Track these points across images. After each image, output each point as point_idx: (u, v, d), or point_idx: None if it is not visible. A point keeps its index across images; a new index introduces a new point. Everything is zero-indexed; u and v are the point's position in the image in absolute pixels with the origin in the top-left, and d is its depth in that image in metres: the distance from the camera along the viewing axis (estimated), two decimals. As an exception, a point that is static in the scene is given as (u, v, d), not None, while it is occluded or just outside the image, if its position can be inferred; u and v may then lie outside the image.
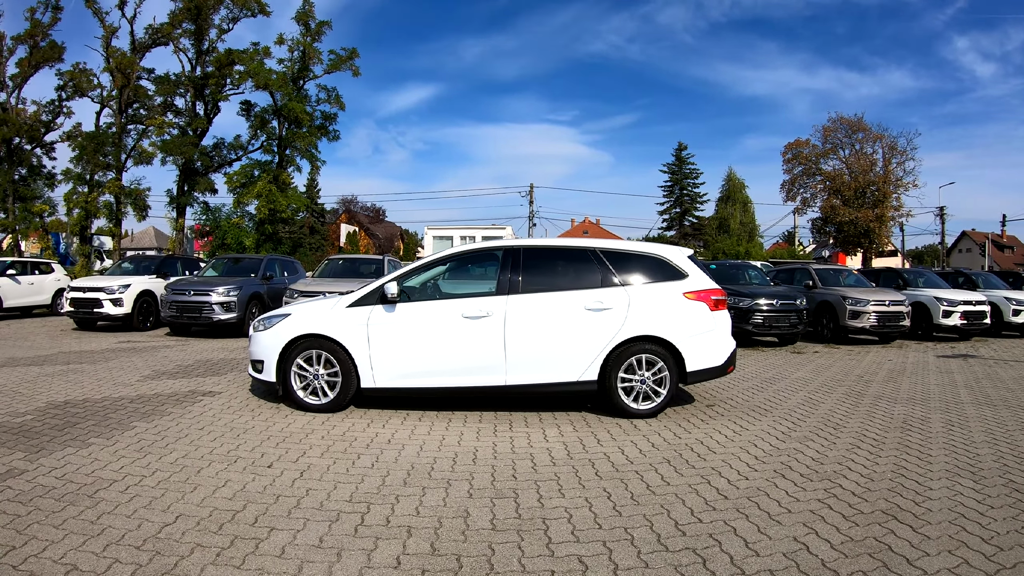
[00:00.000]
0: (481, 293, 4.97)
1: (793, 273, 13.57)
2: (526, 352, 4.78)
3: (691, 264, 5.27)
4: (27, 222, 22.09)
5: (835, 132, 32.09)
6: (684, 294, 5.05)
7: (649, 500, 3.20)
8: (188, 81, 24.00)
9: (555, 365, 4.82)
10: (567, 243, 5.47)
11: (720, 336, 5.16)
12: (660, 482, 3.48)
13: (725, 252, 36.48)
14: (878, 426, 4.85)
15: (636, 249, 5.28)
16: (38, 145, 24.13)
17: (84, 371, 6.84)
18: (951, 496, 3.33)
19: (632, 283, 5.02)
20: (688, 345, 4.94)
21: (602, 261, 5.10)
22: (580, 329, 4.82)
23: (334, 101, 26.54)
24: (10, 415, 4.72)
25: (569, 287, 4.97)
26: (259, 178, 24.39)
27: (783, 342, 10.91)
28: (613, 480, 3.49)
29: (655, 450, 4.10)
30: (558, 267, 5.18)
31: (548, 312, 4.84)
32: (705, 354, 5.02)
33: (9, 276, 13.20)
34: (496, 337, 4.75)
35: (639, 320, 4.87)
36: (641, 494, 3.28)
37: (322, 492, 3.22)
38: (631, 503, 3.16)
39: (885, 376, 7.40)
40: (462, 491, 3.26)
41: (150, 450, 3.94)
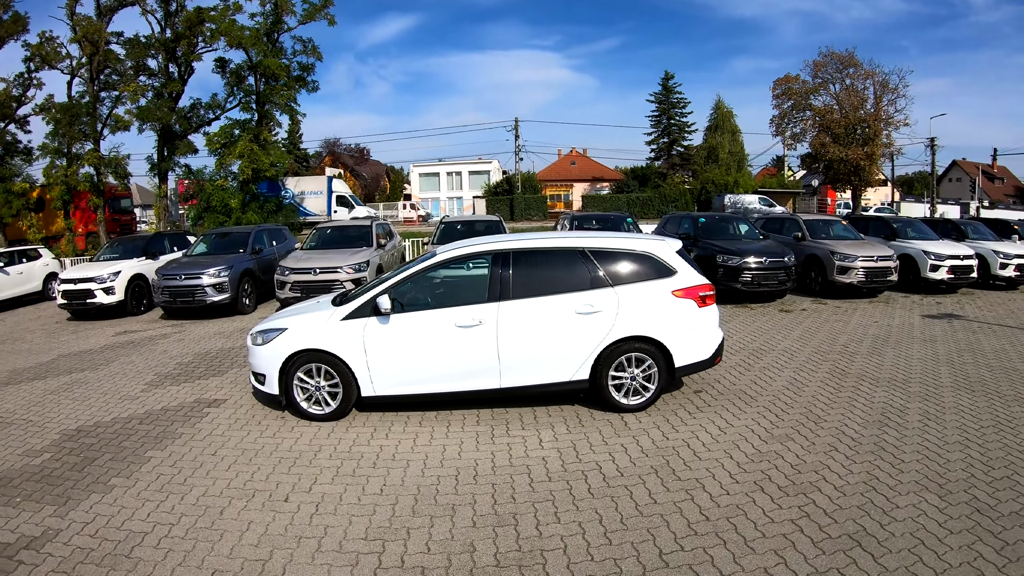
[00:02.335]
0: (472, 300, 4.98)
1: (783, 223, 13.57)
2: (519, 356, 4.89)
3: (679, 259, 5.30)
4: (9, 203, 21.31)
5: (826, 67, 30.94)
6: (672, 292, 5.10)
7: (637, 524, 3.39)
8: (159, 44, 22.45)
9: (547, 367, 4.95)
10: (556, 243, 5.40)
11: (707, 330, 5.24)
12: (648, 499, 3.66)
13: (714, 182, 36.17)
14: (858, 419, 4.97)
15: (625, 247, 5.25)
16: (11, 121, 22.88)
17: (88, 382, 6.90)
18: (915, 517, 3.44)
19: (621, 283, 5.05)
20: (676, 342, 5.04)
21: (591, 261, 5.11)
22: (571, 332, 4.91)
23: (311, 52, 25.12)
24: (28, 455, 4.80)
25: (559, 289, 5.00)
26: (239, 138, 23.42)
27: (771, 298, 11.03)
28: (604, 499, 3.68)
29: (644, 457, 4.27)
30: (547, 269, 5.17)
31: (539, 317, 4.91)
32: (693, 349, 5.14)
33: None
34: (489, 343, 4.85)
35: (628, 321, 4.95)
36: (630, 516, 3.48)
37: (339, 530, 3.41)
38: (620, 527, 3.35)
39: (870, 346, 7.52)
40: (467, 518, 3.46)
41: (170, 488, 4.08)
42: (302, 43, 24.79)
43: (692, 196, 37.73)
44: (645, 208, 37.95)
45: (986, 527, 3.32)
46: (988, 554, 3.08)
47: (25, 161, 23.94)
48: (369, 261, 10.74)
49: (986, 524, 3.35)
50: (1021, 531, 3.27)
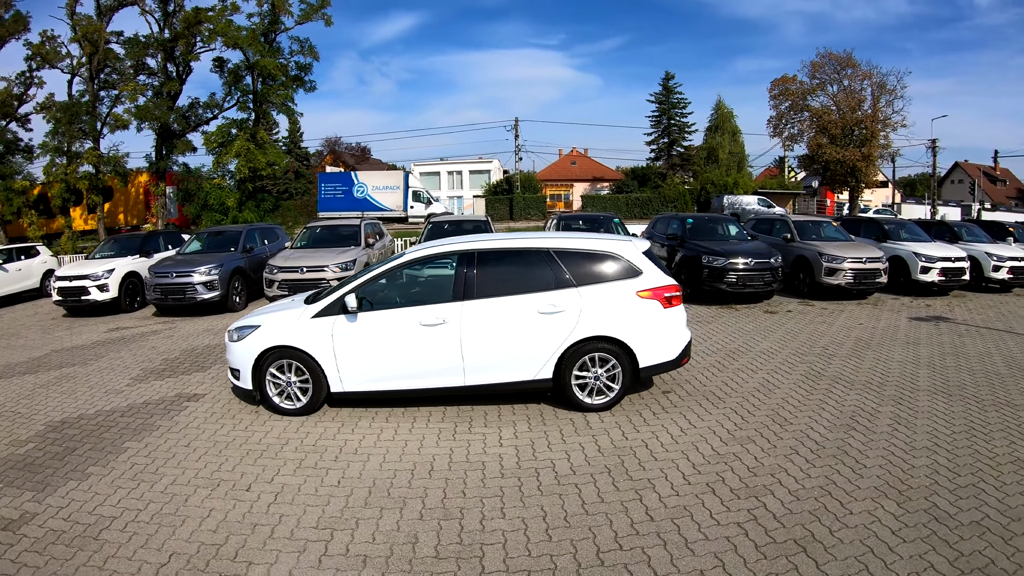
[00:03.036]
0: (438, 300, 5.17)
1: (773, 224, 13.72)
2: (482, 355, 5.05)
3: (646, 260, 5.40)
4: (10, 201, 21.75)
5: (824, 68, 31.06)
6: (637, 293, 5.20)
7: (580, 522, 3.49)
8: (157, 43, 22.83)
9: (511, 366, 5.10)
10: (521, 244, 5.53)
11: (673, 331, 5.32)
12: (595, 498, 3.76)
13: (714, 183, 36.35)
14: (825, 423, 4.98)
15: (591, 247, 5.37)
16: (12, 119, 23.37)
17: (77, 377, 7.19)
18: (868, 524, 3.37)
19: (585, 283, 5.16)
20: (641, 342, 5.14)
21: (556, 261, 5.25)
22: (534, 332, 5.04)
23: (308, 52, 25.45)
24: (13, 444, 5.09)
25: (523, 289, 5.14)
26: (236, 137, 23.76)
27: (757, 299, 11.17)
28: (552, 496, 3.81)
29: (600, 456, 4.38)
30: (512, 269, 5.32)
31: (502, 317, 5.06)
32: (658, 350, 5.23)
33: None
34: (453, 342, 5.02)
35: (591, 321, 5.06)
36: (575, 513, 3.58)
37: (293, 518, 3.64)
38: (563, 525, 3.47)
39: (850, 348, 7.58)
40: (415, 511, 3.66)
41: (143, 477, 4.34)
42: (299, 43, 25.18)
43: (691, 197, 37.86)
44: (644, 208, 38.11)
45: (942, 536, 3.24)
46: (940, 564, 2.99)
47: (26, 159, 24.39)
48: (356, 260, 11.00)
49: (943, 533, 3.27)
50: (979, 541, 3.19)
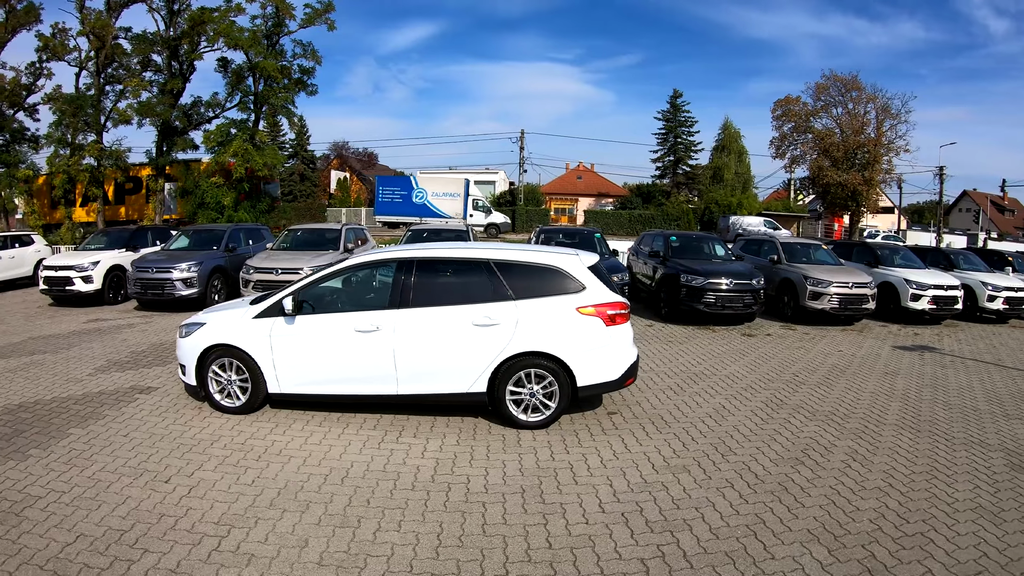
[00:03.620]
0: (375, 306, 5.37)
1: (760, 245, 13.83)
2: (415, 364, 5.18)
3: (589, 276, 5.38)
4: (12, 188, 22.45)
5: (828, 90, 31.35)
6: (577, 309, 5.18)
7: (475, 543, 3.48)
8: (162, 41, 23.59)
9: (444, 377, 5.20)
10: (462, 254, 5.64)
11: (616, 350, 5.28)
12: (499, 519, 3.74)
13: (718, 202, 36.62)
14: (772, 455, 4.87)
15: (532, 260, 5.41)
16: (20, 109, 24.24)
17: (44, 364, 7.54)
18: (788, 571, 3.22)
19: (524, 296, 5.20)
20: (579, 360, 5.12)
21: (495, 273, 5.30)
22: (467, 344, 5.12)
23: (310, 55, 26.13)
24: None
25: (461, 300, 5.24)
26: (235, 137, 24.34)
27: (737, 321, 11.24)
28: (456, 513, 3.82)
29: (520, 475, 4.37)
30: (451, 279, 5.46)
31: (436, 327, 5.15)
32: (598, 369, 5.20)
33: None
34: (386, 350, 5.17)
35: (527, 336, 5.10)
36: (472, 534, 3.57)
37: (199, 512, 3.87)
38: (455, 544, 3.46)
39: (823, 376, 7.59)
40: (315, 516, 3.79)
41: (76, 462, 4.62)
42: (302, 47, 25.95)
43: (695, 216, 38.07)
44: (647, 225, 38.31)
45: (870, 590, 3.00)
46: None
47: (33, 149, 25.16)
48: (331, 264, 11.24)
49: (872, 590, 3.03)
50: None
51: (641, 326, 10.66)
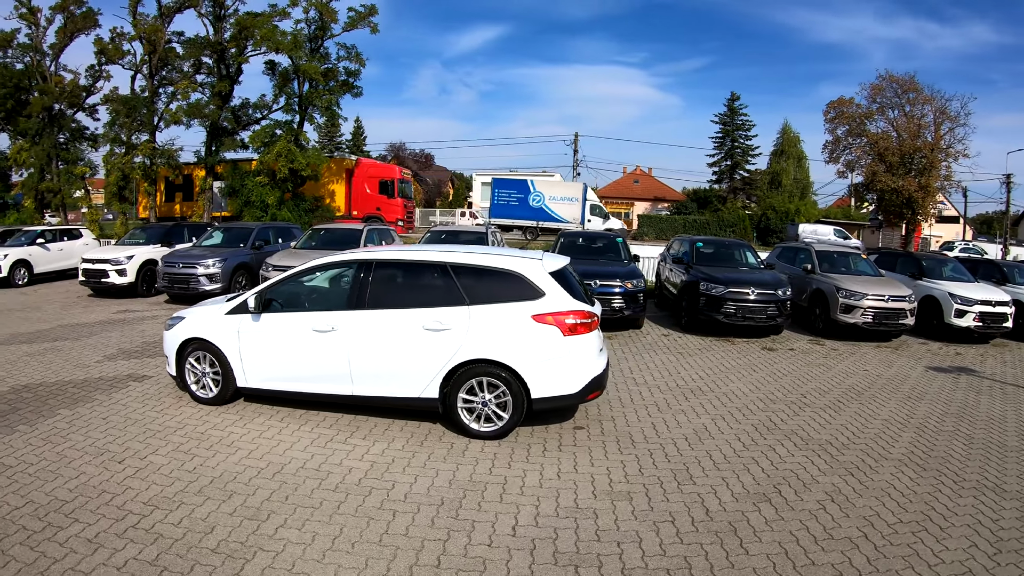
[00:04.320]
0: (333, 307, 5.62)
1: (796, 253, 13.37)
2: (368, 366, 5.37)
3: (551, 281, 5.32)
4: (70, 184, 24.71)
5: (884, 91, 29.73)
6: (532, 316, 5.12)
7: (364, 551, 3.53)
8: (210, 45, 25.31)
9: (396, 380, 5.34)
10: (420, 256, 5.72)
11: (576, 362, 5.18)
12: (401, 531, 3.77)
13: (775, 209, 35.62)
14: (737, 488, 4.55)
15: (490, 264, 5.43)
16: (79, 109, 26.73)
17: (61, 350, 8.33)
18: None
19: (478, 302, 5.21)
20: (533, 371, 5.07)
21: (450, 276, 5.36)
22: (418, 348, 5.22)
23: (354, 58, 27.24)
24: None
25: (414, 303, 5.36)
26: (279, 138, 25.66)
27: (762, 334, 10.90)
28: (362, 519, 3.90)
29: (447, 487, 4.39)
30: (408, 282, 5.62)
31: (388, 329, 5.31)
32: (555, 381, 5.12)
33: (39, 244, 15.29)
34: (340, 350, 5.40)
35: (478, 342, 5.11)
36: (367, 541, 3.64)
37: (135, 492, 4.25)
38: (345, 550, 3.54)
39: (835, 398, 7.20)
40: (231, 506, 4.06)
41: (52, 439, 5.17)
42: (346, 49, 27.09)
43: (751, 222, 36.93)
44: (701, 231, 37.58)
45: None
46: None
47: (92, 147, 27.52)
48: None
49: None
50: None
51: (657, 335, 10.54)
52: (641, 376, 7.77)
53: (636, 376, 7.78)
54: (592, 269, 10.68)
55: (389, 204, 27.87)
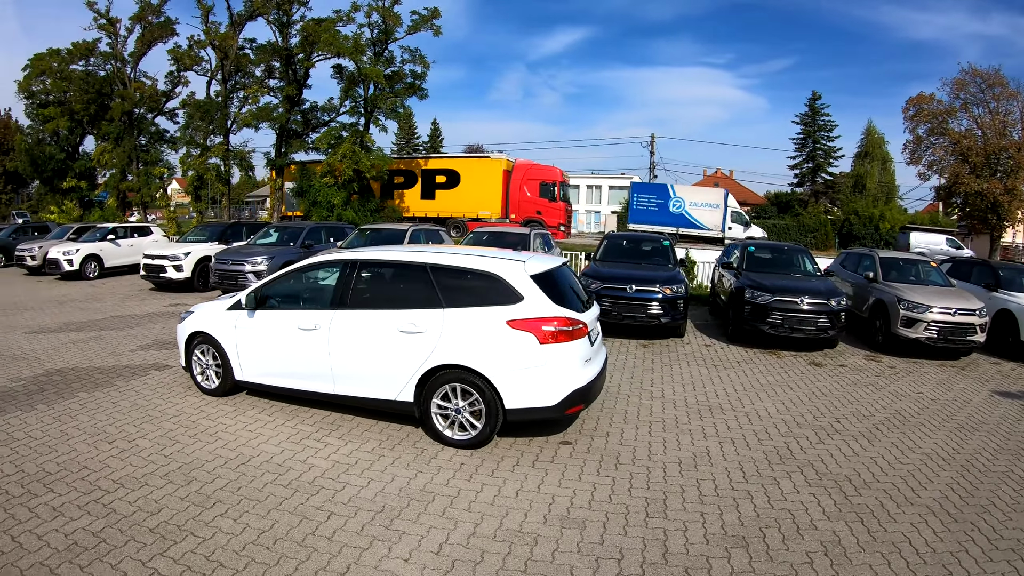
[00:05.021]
0: (319, 306, 5.83)
1: (860, 259, 12.45)
2: (348, 366, 5.53)
3: (531, 285, 5.18)
4: (149, 184, 27.25)
5: (967, 86, 27.01)
6: (507, 322, 5.02)
7: (283, 548, 3.65)
8: (276, 51, 27.09)
9: (374, 381, 5.44)
10: (401, 257, 5.77)
11: (554, 372, 5.01)
12: (327, 533, 3.82)
13: (858, 214, 33.49)
14: (714, 527, 4.08)
15: (468, 265, 5.40)
16: (159, 113, 29.44)
17: (103, 339, 9.17)
18: None
19: (454, 304, 5.19)
20: (507, 379, 4.97)
21: (429, 278, 5.36)
22: (393, 350, 5.28)
23: (418, 61, 28.18)
24: (10, 380, 6.99)
25: (394, 305, 5.45)
26: (345, 140, 26.91)
27: (814, 347, 10.21)
28: (297, 517, 4.01)
29: (397, 494, 4.38)
30: (389, 283, 5.72)
31: (366, 330, 5.42)
32: (530, 392, 4.99)
33: (109, 240, 16.88)
34: (322, 349, 5.60)
35: (450, 347, 5.09)
36: (292, 539, 3.74)
37: (109, 470, 4.65)
38: (266, 545, 3.66)
39: (873, 424, 6.52)
40: (186, 492, 4.33)
41: (62, 418, 5.75)
42: (410, 52, 28.01)
43: (833, 227, 34.82)
44: (781, 236, 35.76)
45: None
46: None
47: (172, 148, 30.28)
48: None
49: None
50: None
51: (697, 345, 10.12)
52: (660, 389, 7.45)
53: (654, 389, 7.47)
54: (629, 273, 10.51)
55: (550, 208, 27.49)
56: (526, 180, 27.72)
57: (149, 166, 28.27)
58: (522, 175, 27.88)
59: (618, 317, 10.04)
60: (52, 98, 29.17)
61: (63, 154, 31.18)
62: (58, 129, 29.44)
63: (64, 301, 12.73)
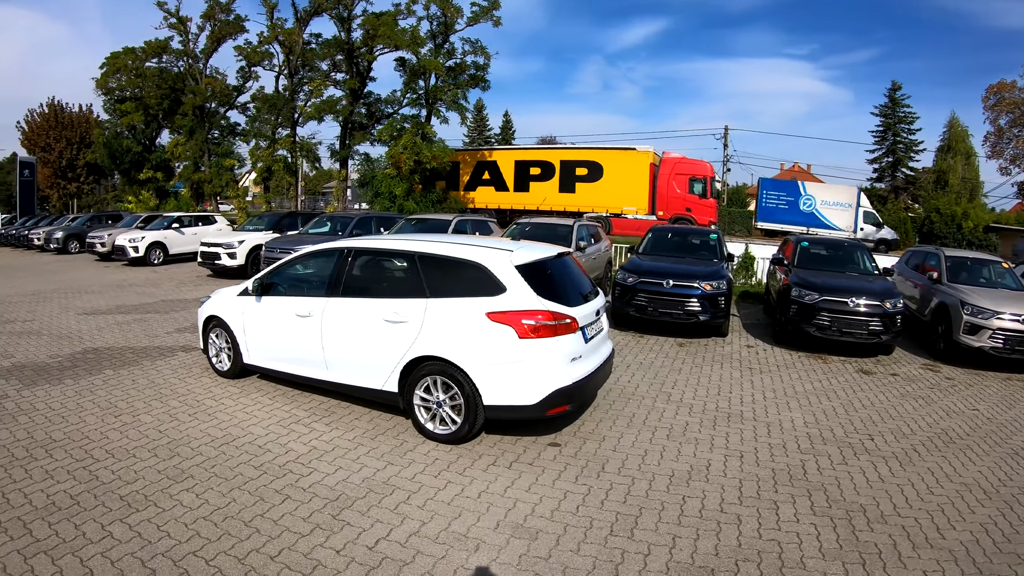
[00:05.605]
0: (314, 293, 5.98)
1: (925, 257, 11.43)
2: (339, 353, 5.65)
3: (515, 276, 5.02)
4: (220, 175, 29.16)
5: None
6: (487, 314, 4.91)
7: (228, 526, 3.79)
8: (338, 45, 28.11)
9: (361, 370, 5.53)
10: (392, 246, 5.81)
11: (534, 369, 4.85)
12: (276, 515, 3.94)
13: (939, 211, 30.86)
14: (678, 557, 3.70)
15: (455, 255, 5.35)
16: (231, 107, 31.39)
17: (146, 321, 10.00)
18: None
19: (437, 294, 5.17)
20: (484, 374, 4.87)
21: (416, 266, 5.37)
22: (379, 339, 5.34)
23: (479, 51, 28.45)
24: (49, 357, 7.72)
25: (381, 293, 5.54)
26: (406, 131, 27.58)
27: (864, 352, 9.41)
28: (254, 498, 4.16)
29: (360, 484, 4.39)
30: (380, 271, 5.79)
31: (356, 318, 5.51)
32: (508, 388, 4.86)
33: (174, 228, 18.13)
34: (315, 336, 5.76)
35: (431, 338, 5.07)
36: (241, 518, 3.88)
37: (108, 441, 5.03)
38: (214, 521, 3.85)
39: (914, 445, 5.82)
40: (165, 464, 4.63)
41: (83, 392, 6.30)
42: (471, 43, 28.32)
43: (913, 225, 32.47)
44: (858, 232, 33.60)
45: None
46: None
47: (244, 141, 32.29)
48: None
49: None
50: None
51: (739, 346, 9.60)
52: (680, 393, 7.05)
53: (674, 392, 7.08)
54: (668, 267, 10.12)
55: (701, 205, 26.30)
56: (675, 175, 26.45)
57: (220, 158, 30.36)
58: (670, 169, 26.61)
59: (654, 314, 9.71)
60: (128, 94, 31.96)
61: (140, 147, 34.23)
62: (134, 123, 32.24)
63: (124, 285, 13.89)
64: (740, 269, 15.85)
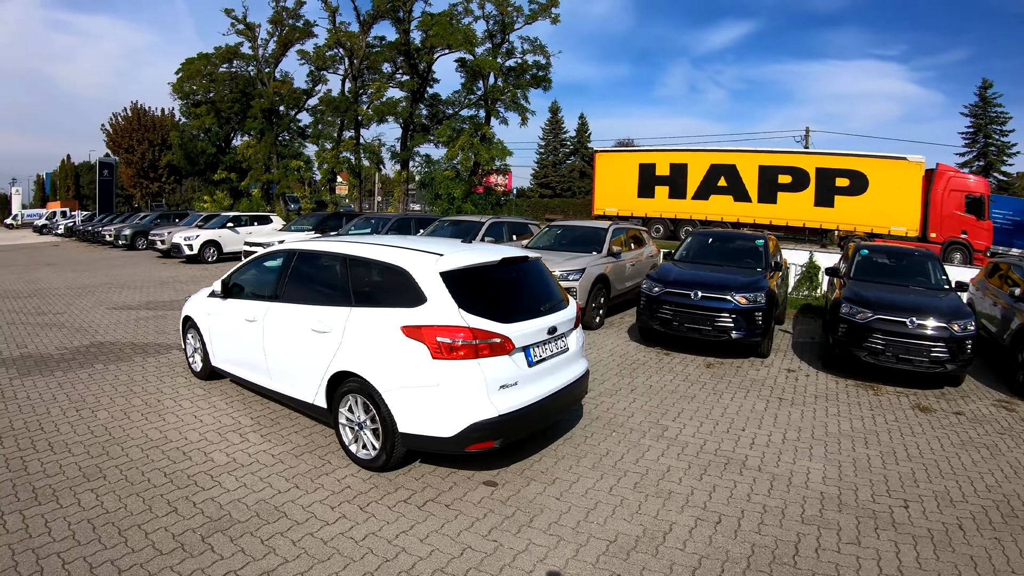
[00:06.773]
0: (261, 297, 5.85)
1: (1008, 269, 9.77)
2: (277, 362, 5.49)
3: (437, 285, 4.44)
4: (287, 176, 30.78)
5: None
6: (402, 328, 4.41)
7: (102, 532, 3.82)
8: (397, 48, 28.82)
9: (294, 381, 5.30)
10: (327, 248, 5.50)
11: (452, 396, 4.27)
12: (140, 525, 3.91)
13: None
14: None
15: (379, 258, 4.90)
16: (300, 110, 33.01)
17: (164, 318, 10.62)
18: None
19: (360, 303, 4.80)
20: (397, 397, 4.41)
21: (346, 271, 5.03)
22: (306, 349, 5.07)
23: (538, 50, 28.21)
24: (56, 349, 8.30)
25: (312, 300, 5.23)
26: (463, 132, 27.83)
27: (926, 383, 8.11)
28: (143, 505, 4.16)
29: (251, 505, 4.21)
30: (314, 275, 5.51)
31: (289, 325, 5.31)
32: (422, 416, 4.35)
33: (228, 227, 19.19)
34: (258, 342, 5.67)
35: (349, 352, 4.69)
36: (114, 525, 3.90)
37: (56, 435, 5.25)
38: (92, 524, 3.89)
39: (964, 515, 4.65)
40: (96, 461, 4.77)
41: (64, 385, 6.67)
42: (529, 42, 28.03)
43: None
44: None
45: None
46: None
47: (313, 143, 33.78)
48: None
49: None
50: None
51: (777, 369, 8.47)
52: (680, 427, 6.06)
53: (673, 425, 6.09)
54: (699, 276, 9.14)
55: (978, 228, 22.52)
56: (950, 191, 22.71)
57: (288, 159, 32.11)
58: (945, 184, 22.78)
59: (679, 329, 8.75)
60: (201, 98, 34.60)
61: (214, 148, 36.94)
62: (208, 126, 34.85)
63: (168, 282, 14.85)
64: (803, 280, 14.54)
